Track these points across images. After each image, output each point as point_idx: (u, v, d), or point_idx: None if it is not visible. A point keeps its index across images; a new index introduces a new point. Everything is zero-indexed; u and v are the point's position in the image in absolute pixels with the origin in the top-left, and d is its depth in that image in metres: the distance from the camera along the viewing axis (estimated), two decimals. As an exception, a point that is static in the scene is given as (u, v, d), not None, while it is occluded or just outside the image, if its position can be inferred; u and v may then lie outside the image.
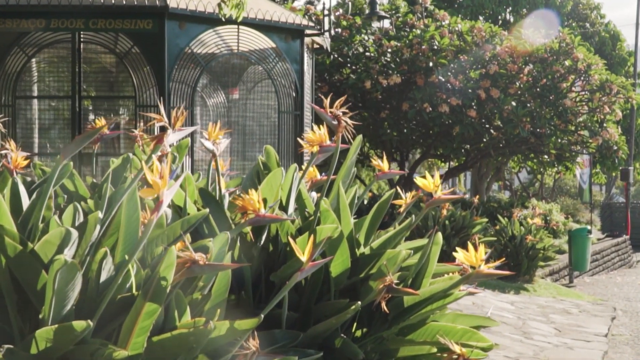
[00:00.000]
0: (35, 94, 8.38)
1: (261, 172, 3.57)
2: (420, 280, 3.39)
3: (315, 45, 9.84)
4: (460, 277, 3.15)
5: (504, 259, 3.34)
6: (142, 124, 7.79)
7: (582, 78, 15.16)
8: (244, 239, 3.44)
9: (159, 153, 3.61)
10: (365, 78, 14.13)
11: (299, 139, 3.61)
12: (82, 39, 7.83)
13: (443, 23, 15.54)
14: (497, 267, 3.31)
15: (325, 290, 3.34)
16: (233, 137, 9.62)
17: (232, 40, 8.21)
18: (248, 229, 3.36)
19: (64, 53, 8.06)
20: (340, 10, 15.56)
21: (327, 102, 3.21)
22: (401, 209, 3.86)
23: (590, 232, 15.56)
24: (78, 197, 4.25)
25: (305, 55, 9.06)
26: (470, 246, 3.09)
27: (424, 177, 3.40)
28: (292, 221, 3.50)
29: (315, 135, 3.73)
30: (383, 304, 2.98)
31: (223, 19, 6.23)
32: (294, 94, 8.59)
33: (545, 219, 16.92)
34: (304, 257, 2.63)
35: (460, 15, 18.53)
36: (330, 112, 3.24)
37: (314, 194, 4.18)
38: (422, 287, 3.43)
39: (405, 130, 15.27)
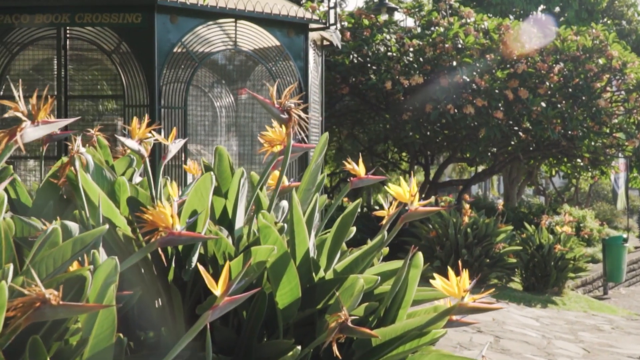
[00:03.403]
0: (20, 93, 7.85)
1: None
2: (394, 312, 2.74)
3: (326, 42, 9.21)
4: (438, 313, 2.49)
5: (493, 290, 2.65)
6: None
7: (617, 77, 14.36)
8: (180, 260, 2.83)
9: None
10: (385, 78, 13.46)
11: (259, 137, 2.96)
12: (67, 35, 7.30)
13: (468, 21, 14.82)
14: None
15: (277, 325, 2.71)
16: (239, 140, 9.04)
17: (230, 35, 7.62)
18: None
19: (49, 50, 7.55)
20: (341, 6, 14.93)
21: (273, 90, 2.58)
22: (383, 222, 3.22)
23: (626, 240, 14.69)
24: (20, 206, 3.71)
25: (312, 52, 8.43)
26: (450, 272, 2.43)
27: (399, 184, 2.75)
28: (240, 238, 2.88)
29: (275, 133, 3.11)
30: (335, 348, 2.33)
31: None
32: (298, 93, 7.96)
33: (578, 226, 16.07)
34: (217, 291, 2.00)
35: (489, 14, 17.79)
36: (278, 103, 2.60)
37: (285, 204, 3.55)
38: (398, 320, 2.78)
39: (428, 133, 14.58)
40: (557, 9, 22.25)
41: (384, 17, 14.20)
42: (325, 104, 14.75)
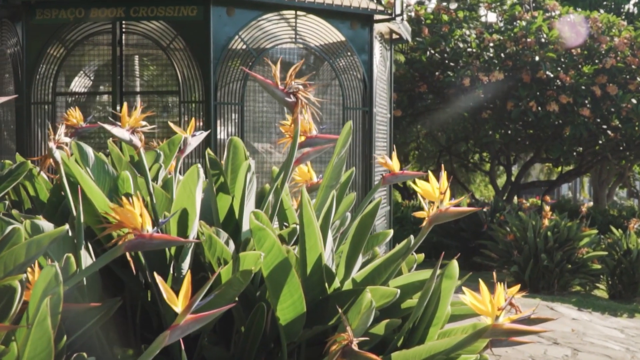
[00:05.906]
0: (76, 90, 7.73)
1: (208, 172, 2.58)
2: (422, 330, 2.32)
3: (395, 36, 8.77)
4: (467, 336, 2.06)
5: (535, 308, 2.17)
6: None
7: None
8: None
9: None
10: (464, 75, 12.90)
11: (280, 127, 2.59)
12: (123, 30, 7.10)
13: (553, 14, 14.12)
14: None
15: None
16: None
17: (290, 27, 7.28)
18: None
19: (104, 46, 7.37)
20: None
21: (275, 70, 2.20)
22: (423, 223, 2.80)
23: None
24: (38, 203, 3.49)
25: (379, 45, 8.01)
26: (482, 287, 2.00)
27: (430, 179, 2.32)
28: (247, 242, 2.51)
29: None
30: (337, 375, 1.94)
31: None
32: (362, 89, 7.55)
33: (672, 231, 15.07)
34: (178, 307, 1.64)
35: (577, 8, 16.97)
36: (282, 84, 2.22)
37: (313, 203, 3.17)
38: (428, 339, 2.36)
39: (509, 132, 13.93)
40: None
41: (452, 6, 13.63)
42: (404, 102, 14.33)
